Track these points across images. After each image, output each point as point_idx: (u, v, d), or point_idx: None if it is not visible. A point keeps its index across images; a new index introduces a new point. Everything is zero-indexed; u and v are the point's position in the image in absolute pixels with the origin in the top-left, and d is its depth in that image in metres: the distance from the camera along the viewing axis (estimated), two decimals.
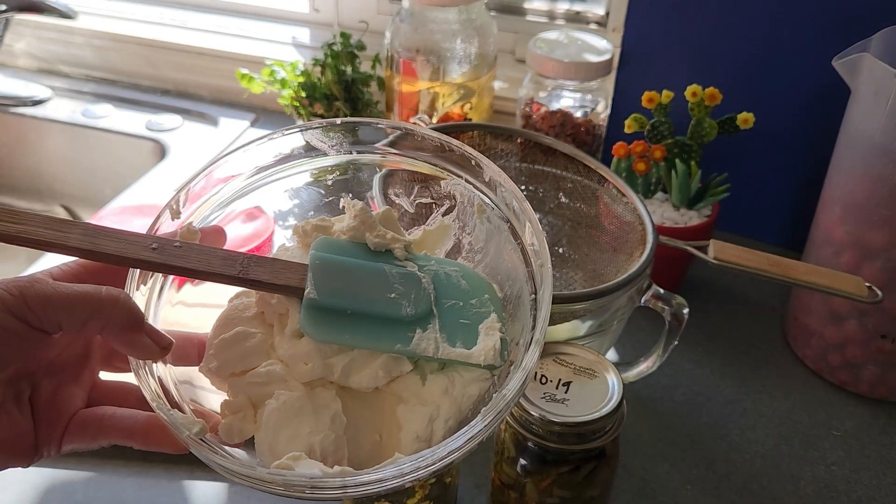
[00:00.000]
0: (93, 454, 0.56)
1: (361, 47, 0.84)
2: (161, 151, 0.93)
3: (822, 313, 0.65)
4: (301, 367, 0.33)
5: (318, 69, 0.84)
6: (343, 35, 0.84)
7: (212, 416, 0.34)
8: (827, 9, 0.71)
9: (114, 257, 0.32)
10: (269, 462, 0.31)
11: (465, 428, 0.29)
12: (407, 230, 0.39)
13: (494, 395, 0.30)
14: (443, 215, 0.39)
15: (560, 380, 0.46)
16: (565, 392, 0.45)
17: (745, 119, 0.69)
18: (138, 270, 0.34)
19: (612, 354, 0.66)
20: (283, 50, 1.00)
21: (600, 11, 0.91)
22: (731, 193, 0.71)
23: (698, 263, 0.58)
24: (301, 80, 0.84)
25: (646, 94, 0.71)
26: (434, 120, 0.80)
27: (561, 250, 0.66)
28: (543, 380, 0.46)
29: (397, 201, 0.39)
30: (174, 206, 0.37)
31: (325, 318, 0.33)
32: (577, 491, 0.46)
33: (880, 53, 0.59)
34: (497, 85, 0.89)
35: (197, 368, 0.35)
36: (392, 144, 0.39)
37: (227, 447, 0.32)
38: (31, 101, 1.00)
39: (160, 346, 0.32)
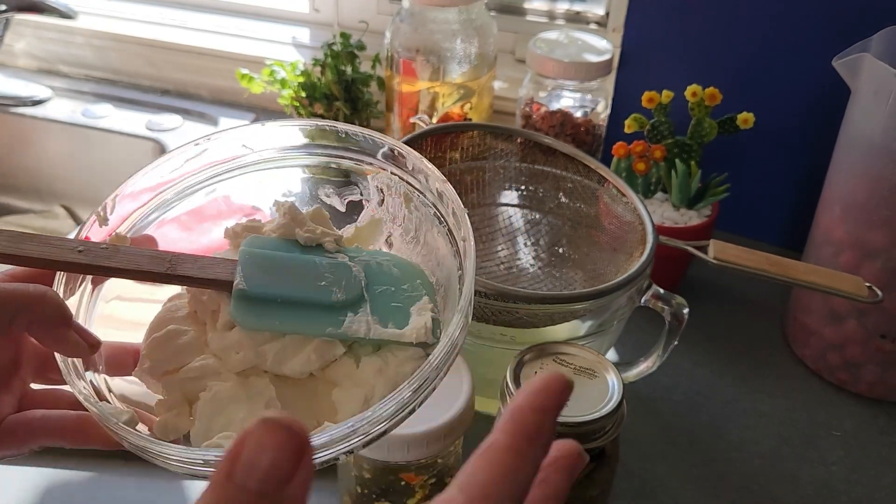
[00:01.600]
0: (92, 455, 0.56)
1: (361, 47, 0.84)
2: (161, 151, 0.93)
3: (821, 313, 0.65)
4: (233, 356, 0.33)
5: (318, 69, 0.84)
6: (343, 35, 0.84)
7: (150, 419, 0.34)
8: (827, 9, 0.71)
9: (40, 261, 0.32)
10: None
11: (393, 393, 0.29)
12: (339, 229, 0.39)
13: (422, 364, 0.30)
14: (372, 210, 0.39)
15: None
16: None
17: (745, 119, 0.69)
18: (65, 276, 0.34)
19: (611, 354, 0.66)
20: (283, 50, 1.00)
21: (600, 11, 0.91)
22: (730, 193, 0.71)
23: (698, 263, 0.58)
24: (301, 80, 0.84)
25: (646, 94, 0.71)
26: (434, 120, 0.80)
27: (561, 250, 0.66)
28: None
29: (328, 201, 0.40)
30: (101, 213, 0.37)
31: (255, 307, 0.33)
32: (577, 491, 0.46)
33: (880, 53, 0.59)
34: (497, 85, 0.89)
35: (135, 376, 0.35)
36: (313, 143, 0.39)
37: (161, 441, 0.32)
38: (31, 101, 1.00)
39: (88, 344, 0.33)
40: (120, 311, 0.37)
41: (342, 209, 0.40)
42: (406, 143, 0.60)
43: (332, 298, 0.33)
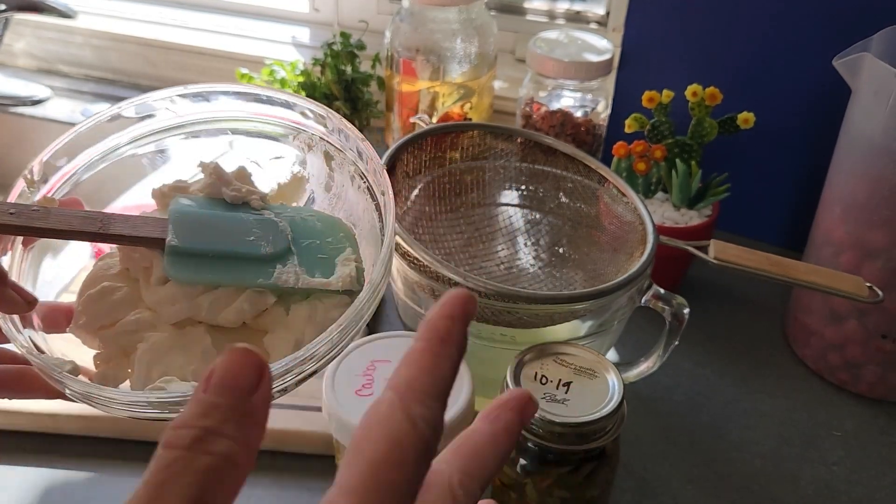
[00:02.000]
0: (92, 455, 0.56)
1: (361, 47, 0.84)
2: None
3: (822, 313, 0.65)
4: (168, 309, 0.34)
5: (318, 69, 0.84)
6: (343, 35, 0.84)
7: (89, 372, 0.35)
8: (827, 8, 0.71)
9: None
10: None
11: (323, 335, 0.31)
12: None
13: (348, 309, 0.32)
14: (295, 169, 0.41)
15: (560, 380, 0.46)
16: (566, 392, 0.45)
17: (746, 119, 0.69)
18: None
19: (612, 354, 0.66)
20: (283, 49, 1.00)
21: (601, 11, 0.91)
22: (731, 193, 0.71)
23: (698, 264, 0.58)
24: (301, 79, 0.83)
25: (646, 94, 0.71)
26: (434, 119, 0.80)
27: (561, 250, 0.66)
28: (544, 380, 0.46)
29: (251, 161, 0.41)
30: (28, 177, 0.38)
31: (187, 261, 0.34)
32: (578, 491, 0.46)
33: (881, 53, 0.59)
34: (497, 84, 0.89)
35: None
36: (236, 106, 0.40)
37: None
38: (31, 101, 1.00)
39: (25, 301, 0.34)
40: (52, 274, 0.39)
41: (265, 169, 0.41)
42: (406, 143, 0.60)
43: (261, 252, 0.35)
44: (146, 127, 0.40)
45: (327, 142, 0.39)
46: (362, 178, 0.38)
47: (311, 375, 0.32)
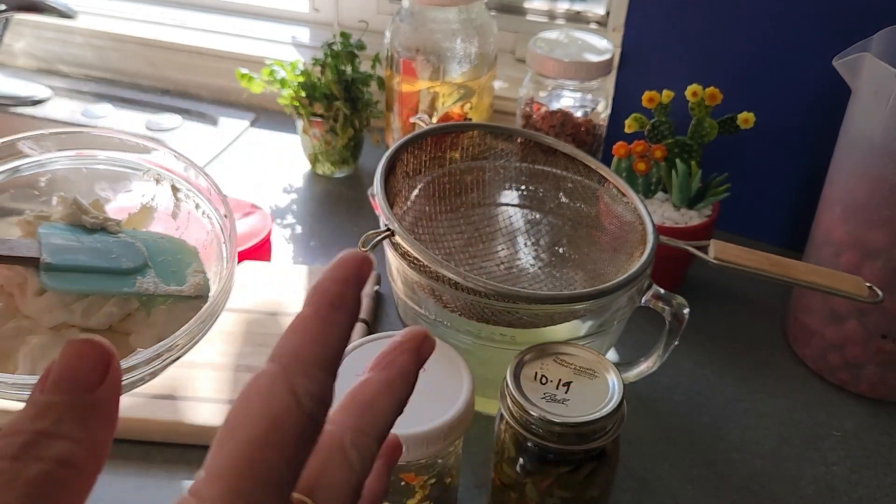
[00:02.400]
0: None
1: (361, 47, 0.84)
2: None
3: (822, 313, 0.65)
4: (47, 315, 0.40)
5: (318, 69, 0.84)
6: (343, 35, 0.84)
7: None
8: (827, 8, 0.71)
9: None
10: None
11: (184, 326, 0.37)
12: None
13: (202, 308, 0.39)
14: (143, 200, 0.47)
15: (560, 380, 0.46)
16: (565, 392, 0.45)
17: (746, 119, 0.69)
18: None
19: (612, 354, 0.66)
20: (283, 50, 1.00)
21: (600, 11, 0.91)
22: (731, 193, 0.71)
23: (698, 263, 0.58)
24: (301, 79, 0.83)
25: (646, 94, 0.71)
26: (434, 119, 0.80)
27: (561, 250, 0.66)
28: (543, 380, 0.46)
29: (103, 195, 0.47)
30: None
31: (60, 275, 0.40)
32: (578, 491, 0.46)
33: (881, 53, 0.59)
34: (497, 84, 0.89)
35: None
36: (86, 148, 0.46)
37: None
38: (31, 101, 1.00)
39: None
40: None
41: (117, 200, 0.48)
42: (406, 143, 0.60)
43: (122, 266, 0.42)
44: (7, 165, 0.46)
45: (174, 174, 0.46)
46: (210, 205, 0.46)
47: (174, 361, 0.38)
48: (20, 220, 0.43)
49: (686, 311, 0.54)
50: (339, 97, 0.83)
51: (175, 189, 0.47)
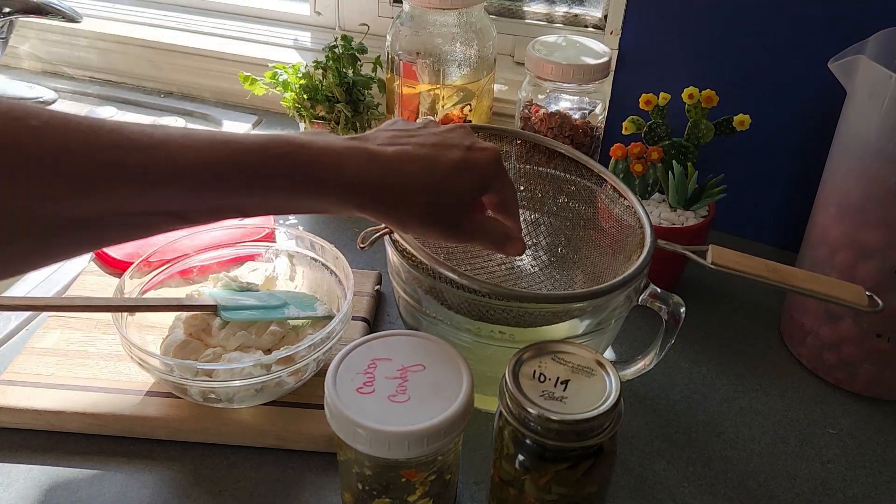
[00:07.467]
0: (96, 452, 0.56)
1: (362, 50, 0.85)
2: None
3: (817, 312, 0.66)
4: (231, 340, 0.60)
5: (320, 72, 0.85)
6: (344, 38, 0.85)
7: None
8: (823, 11, 0.71)
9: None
10: None
11: (329, 324, 0.58)
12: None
13: (331, 321, 0.59)
14: (268, 273, 0.68)
15: (558, 378, 0.46)
16: (563, 390, 0.46)
17: (742, 121, 0.70)
18: None
19: (609, 353, 0.67)
20: (286, 53, 1.01)
21: (598, 15, 0.92)
22: (727, 194, 0.71)
23: (695, 263, 0.58)
24: (303, 82, 0.84)
25: (643, 97, 0.71)
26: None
27: (560, 251, 0.67)
28: (542, 378, 0.46)
29: (241, 273, 0.69)
30: None
31: (233, 312, 0.60)
32: (576, 487, 0.46)
33: (876, 55, 0.60)
34: (496, 87, 0.90)
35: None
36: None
37: None
38: (36, 103, 1.01)
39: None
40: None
41: (247, 276, 0.68)
42: None
43: (271, 303, 0.63)
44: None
45: (288, 252, 0.68)
46: (325, 268, 0.66)
47: (324, 353, 0.58)
48: (190, 293, 0.63)
49: (683, 310, 0.54)
50: (341, 99, 0.84)
51: (291, 257, 0.68)
